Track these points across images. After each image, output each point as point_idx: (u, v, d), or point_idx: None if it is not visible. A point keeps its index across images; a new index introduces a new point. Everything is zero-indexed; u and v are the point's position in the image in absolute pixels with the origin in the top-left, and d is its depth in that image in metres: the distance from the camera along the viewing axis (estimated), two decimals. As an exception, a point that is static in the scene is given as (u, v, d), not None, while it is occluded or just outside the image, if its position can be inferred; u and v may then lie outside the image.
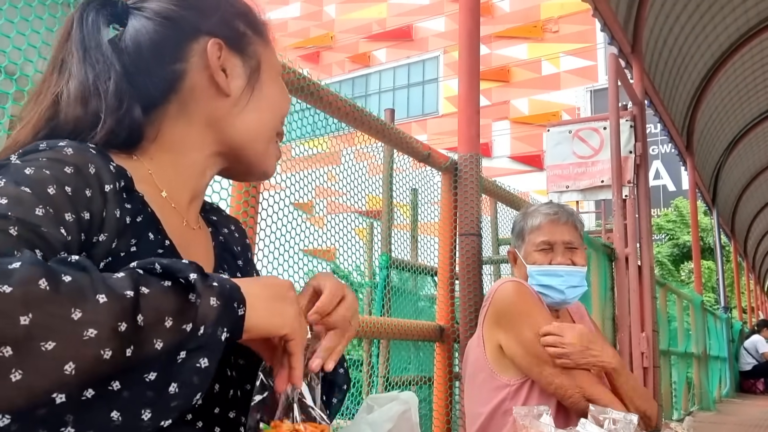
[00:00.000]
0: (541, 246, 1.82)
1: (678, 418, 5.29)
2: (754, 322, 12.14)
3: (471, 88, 2.44)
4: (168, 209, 0.79)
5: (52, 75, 0.78)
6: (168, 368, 0.55)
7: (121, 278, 0.55)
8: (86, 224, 0.65)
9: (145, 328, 0.54)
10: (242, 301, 0.62)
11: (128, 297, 0.53)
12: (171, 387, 0.55)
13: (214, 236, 0.89)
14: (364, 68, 21.94)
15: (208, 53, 0.80)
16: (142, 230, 0.72)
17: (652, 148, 17.35)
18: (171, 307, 0.57)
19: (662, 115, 6.01)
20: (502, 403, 1.71)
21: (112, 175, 0.69)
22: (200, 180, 0.84)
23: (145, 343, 0.54)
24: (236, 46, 0.83)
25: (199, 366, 0.57)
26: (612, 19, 4.38)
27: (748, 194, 10.27)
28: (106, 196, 0.68)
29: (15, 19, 1.18)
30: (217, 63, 0.80)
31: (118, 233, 0.69)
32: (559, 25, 19.07)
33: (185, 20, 0.80)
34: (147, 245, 0.72)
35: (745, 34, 5.88)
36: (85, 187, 0.66)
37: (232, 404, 0.77)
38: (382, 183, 2.97)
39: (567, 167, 4.06)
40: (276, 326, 0.66)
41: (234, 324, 0.61)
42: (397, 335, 2.14)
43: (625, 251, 3.68)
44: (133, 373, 0.53)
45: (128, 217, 0.70)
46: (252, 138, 0.84)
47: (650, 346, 3.69)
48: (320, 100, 1.79)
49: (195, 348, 0.57)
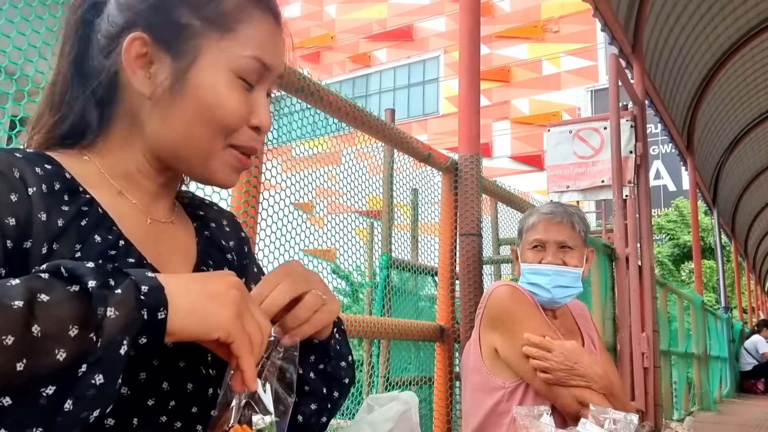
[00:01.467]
0: (534, 244, 1.83)
1: (678, 418, 5.29)
2: (754, 322, 12.13)
3: (471, 88, 2.44)
4: (127, 205, 0.76)
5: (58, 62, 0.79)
6: (68, 382, 0.51)
7: (13, 286, 0.51)
8: (12, 230, 0.62)
9: (42, 339, 0.50)
10: (162, 303, 0.57)
11: (15, 307, 0.49)
12: (67, 403, 0.51)
13: (198, 231, 0.86)
14: (365, 68, 21.94)
15: (124, 48, 0.73)
16: (87, 233, 0.68)
17: (653, 148, 17.34)
18: (75, 314, 0.52)
19: (663, 115, 6.01)
20: (498, 405, 1.72)
21: (38, 177, 0.66)
22: (155, 179, 0.79)
23: (42, 354, 0.50)
24: (167, 41, 0.74)
25: (93, 382, 0.52)
26: (612, 19, 4.38)
27: (749, 194, 10.27)
28: (30, 199, 0.64)
29: (15, 19, 1.18)
30: (133, 60, 0.73)
31: (48, 237, 0.65)
32: (559, 25, 19.07)
33: (127, 7, 0.74)
34: (93, 248, 0.68)
35: (746, 34, 5.88)
36: (9, 191, 0.63)
37: (212, 402, 0.74)
38: (383, 183, 2.97)
39: (567, 167, 4.06)
40: (204, 330, 0.60)
41: (149, 329, 0.56)
42: (398, 335, 2.14)
43: (626, 251, 3.68)
44: (29, 386, 0.50)
45: (62, 220, 0.66)
46: (177, 145, 0.75)
47: (650, 346, 3.69)
48: (320, 100, 1.79)
49: (93, 362, 0.52)
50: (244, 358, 0.62)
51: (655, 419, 3.74)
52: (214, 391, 0.75)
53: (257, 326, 0.65)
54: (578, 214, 1.87)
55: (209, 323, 0.60)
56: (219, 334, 0.61)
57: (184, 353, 0.72)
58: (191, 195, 0.93)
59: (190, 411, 0.73)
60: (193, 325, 0.59)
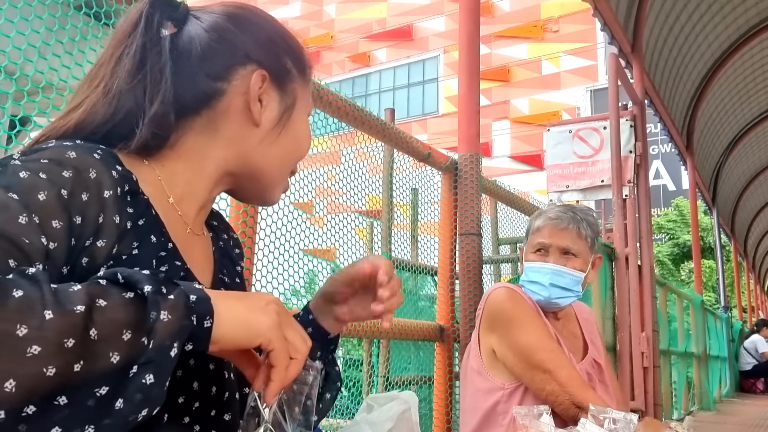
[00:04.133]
0: (537, 247, 1.83)
1: (678, 417, 5.29)
2: (753, 321, 12.13)
3: (471, 88, 2.44)
4: (173, 215, 0.79)
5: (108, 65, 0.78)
6: (120, 383, 0.54)
7: (75, 291, 0.54)
8: (78, 229, 0.65)
9: (98, 342, 0.53)
10: (209, 312, 0.60)
11: (77, 312, 0.52)
12: (118, 402, 0.54)
13: (214, 241, 0.90)
14: (364, 68, 21.94)
15: (251, 82, 0.81)
16: (145, 233, 0.72)
17: (652, 148, 17.34)
18: (130, 319, 0.55)
19: (662, 114, 6.01)
20: (497, 405, 1.72)
21: (113, 180, 0.69)
22: (210, 193, 0.85)
23: (98, 357, 0.53)
24: (278, 81, 0.84)
25: (144, 382, 0.55)
26: (612, 19, 4.38)
27: (748, 194, 10.28)
28: (104, 201, 0.67)
29: (15, 19, 1.18)
30: (256, 93, 0.81)
31: (118, 238, 0.69)
32: (559, 25, 19.06)
33: (239, 43, 0.81)
34: (149, 247, 0.72)
35: (746, 33, 5.88)
36: (82, 190, 0.66)
37: (227, 407, 0.77)
38: (382, 183, 2.97)
39: (567, 167, 4.06)
40: (248, 337, 0.64)
41: (197, 336, 0.59)
42: (397, 335, 2.14)
43: (625, 251, 3.68)
44: (84, 388, 0.52)
45: (129, 222, 0.70)
46: (268, 171, 0.85)
47: (650, 345, 3.69)
48: (320, 99, 1.79)
49: (144, 363, 0.55)
50: (278, 368, 0.65)
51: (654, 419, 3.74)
52: (230, 396, 0.78)
53: (300, 336, 0.68)
54: (587, 219, 1.84)
55: (252, 330, 0.63)
56: (261, 341, 0.64)
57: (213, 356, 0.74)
58: None
59: (209, 414, 0.75)
60: (237, 332, 0.63)
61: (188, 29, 0.80)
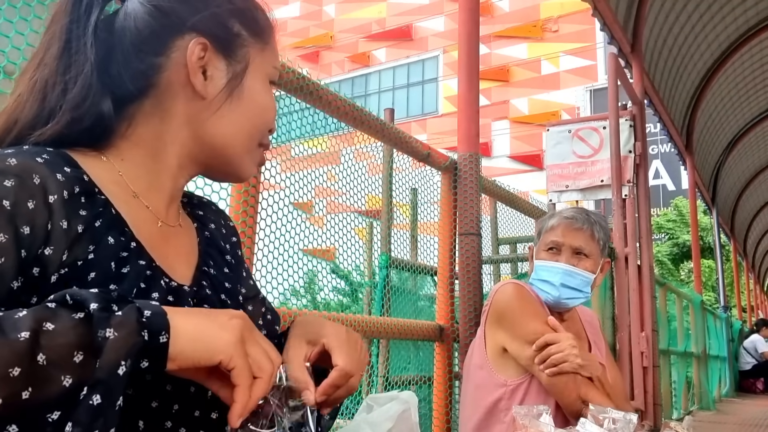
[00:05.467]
0: (550, 245, 1.84)
1: (678, 417, 5.29)
2: (753, 321, 12.14)
3: (470, 88, 2.44)
4: (140, 210, 0.76)
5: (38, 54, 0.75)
6: (71, 406, 0.52)
7: (21, 318, 0.52)
8: (27, 239, 0.62)
9: (47, 367, 0.51)
10: (164, 327, 0.58)
11: (21, 339, 0.51)
12: (67, 426, 0.52)
13: (199, 231, 0.86)
14: (364, 68, 21.94)
15: (187, 52, 0.76)
16: (101, 234, 0.68)
17: (652, 148, 17.35)
18: (80, 340, 0.54)
19: (662, 114, 6.01)
20: (499, 402, 1.73)
21: (59, 183, 0.65)
22: (177, 180, 0.81)
23: (48, 382, 0.51)
24: (224, 48, 0.78)
25: (92, 403, 0.53)
26: (611, 19, 4.38)
27: (748, 193, 10.28)
28: (51, 207, 0.64)
29: (14, 19, 1.18)
30: (195, 63, 0.76)
31: (69, 244, 0.65)
32: (558, 25, 19.07)
33: (175, 13, 0.76)
34: (106, 250, 0.68)
35: (745, 33, 5.88)
36: (27, 198, 0.62)
37: (213, 405, 0.75)
38: (382, 183, 2.97)
39: (567, 167, 4.06)
40: (207, 353, 0.60)
41: (152, 352, 0.57)
42: (397, 335, 2.14)
43: (625, 251, 3.68)
44: (35, 414, 0.51)
45: (81, 225, 0.66)
46: (229, 145, 0.80)
47: (650, 345, 3.69)
48: (320, 99, 1.79)
49: (93, 384, 0.53)
50: (240, 387, 0.62)
51: (654, 419, 3.74)
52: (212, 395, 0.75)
53: (265, 354, 0.64)
54: (600, 223, 1.86)
55: (210, 346, 0.60)
56: (221, 357, 0.60)
57: None
58: (189, 194, 0.93)
59: (193, 414, 0.73)
60: (195, 349, 0.60)
61: (126, 5, 0.76)
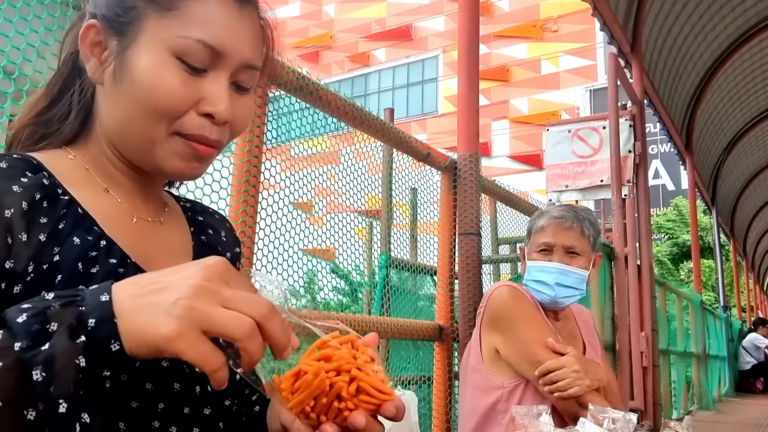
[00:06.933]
0: (541, 247, 1.83)
1: (677, 417, 5.29)
2: (752, 320, 12.14)
3: (470, 88, 2.44)
4: (113, 205, 0.73)
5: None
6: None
7: None
8: None
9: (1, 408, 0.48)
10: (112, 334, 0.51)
11: None
12: None
13: (195, 235, 0.84)
14: (364, 68, 21.93)
15: (80, 38, 0.72)
16: (66, 235, 0.66)
17: (652, 148, 17.35)
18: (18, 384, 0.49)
19: (662, 114, 6.01)
20: (496, 404, 1.73)
21: (16, 196, 0.63)
22: (130, 174, 0.76)
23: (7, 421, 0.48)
24: (116, 26, 0.70)
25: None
26: (611, 19, 4.38)
27: (748, 193, 10.28)
28: (8, 221, 0.61)
29: (13, 19, 1.18)
30: (86, 48, 0.72)
31: (31, 254, 0.62)
32: (558, 25, 19.06)
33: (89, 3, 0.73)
34: (72, 251, 0.65)
35: (745, 33, 5.88)
36: None
37: (205, 401, 0.73)
38: (382, 182, 2.97)
39: (566, 167, 4.06)
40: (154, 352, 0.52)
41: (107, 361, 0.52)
42: (397, 335, 2.14)
43: (625, 250, 3.69)
44: None
45: (43, 233, 0.64)
46: (122, 131, 0.72)
47: (649, 345, 3.69)
48: (319, 99, 1.79)
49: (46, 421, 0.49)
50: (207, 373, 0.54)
51: (654, 418, 3.74)
52: (202, 389, 0.74)
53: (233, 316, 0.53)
54: (589, 218, 1.85)
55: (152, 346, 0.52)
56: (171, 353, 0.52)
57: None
58: (192, 201, 0.93)
59: (182, 412, 0.71)
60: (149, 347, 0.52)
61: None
